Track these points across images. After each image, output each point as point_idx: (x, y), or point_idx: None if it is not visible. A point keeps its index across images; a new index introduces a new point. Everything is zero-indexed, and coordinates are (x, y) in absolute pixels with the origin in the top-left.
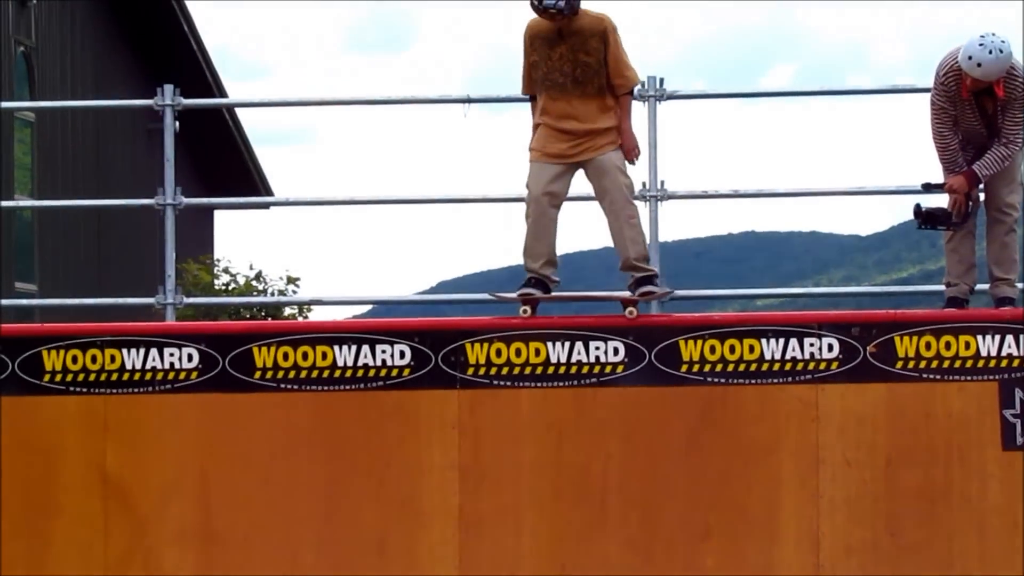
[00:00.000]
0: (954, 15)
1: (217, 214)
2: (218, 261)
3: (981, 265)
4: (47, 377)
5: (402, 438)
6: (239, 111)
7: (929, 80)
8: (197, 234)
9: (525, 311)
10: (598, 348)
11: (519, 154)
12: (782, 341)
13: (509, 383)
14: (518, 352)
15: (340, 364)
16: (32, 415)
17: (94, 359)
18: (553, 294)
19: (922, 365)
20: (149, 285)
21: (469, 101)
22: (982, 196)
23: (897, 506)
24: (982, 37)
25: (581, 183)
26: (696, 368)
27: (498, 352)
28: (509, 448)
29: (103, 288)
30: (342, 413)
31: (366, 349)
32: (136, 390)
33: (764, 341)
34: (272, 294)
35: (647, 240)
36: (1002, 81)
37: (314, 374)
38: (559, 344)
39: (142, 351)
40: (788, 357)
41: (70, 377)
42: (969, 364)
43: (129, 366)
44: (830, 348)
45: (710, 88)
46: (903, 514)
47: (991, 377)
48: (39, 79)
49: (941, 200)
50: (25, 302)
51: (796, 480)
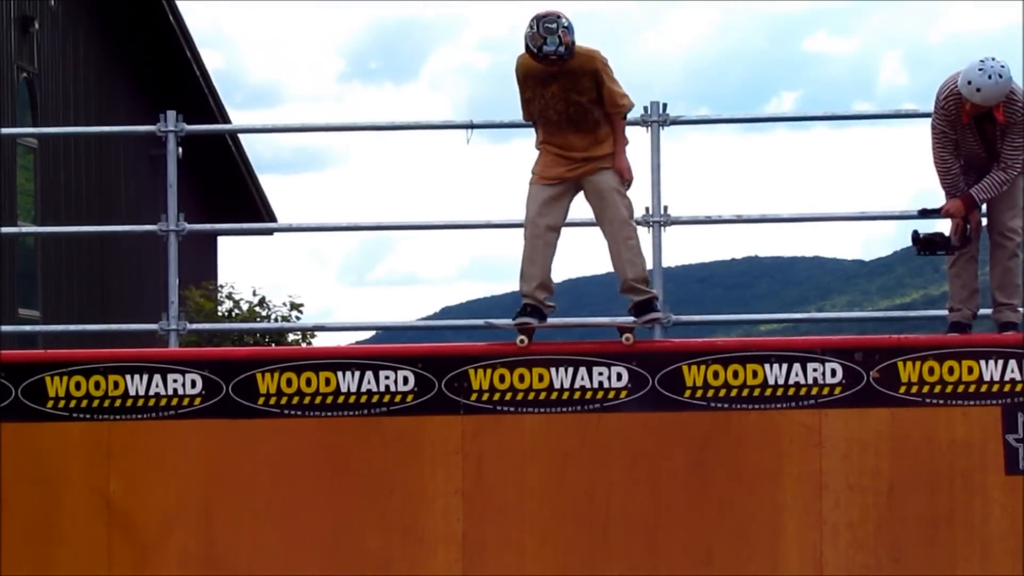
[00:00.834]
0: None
1: (220, 240)
2: (221, 287)
3: (984, 290)
4: (50, 404)
5: (405, 464)
6: (242, 138)
7: (931, 105)
8: (200, 260)
9: (522, 341)
10: (601, 374)
11: (522, 179)
12: (785, 366)
13: (512, 409)
14: (521, 378)
15: (343, 390)
16: (35, 442)
17: (97, 385)
18: (549, 321)
19: (925, 390)
20: (152, 311)
21: (472, 127)
22: (984, 221)
23: (900, 532)
24: (982, 62)
25: (583, 210)
26: (699, 393)
27: (501, 378)
28: (513, 474)
29: (106, 315)
30: (345, 439)
31: (369, 375)
32: (139, 417)
33: (767, 366)
34: (275, 320)
35: (648, 264)
36: (1002, 106)
37: (317, 400)
38: (562, 370)
39: (145, 377)
40: (791, 382)
41: (73, 404)
42: (972, 389)
43: (132, 392)
44: (833, 373)
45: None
46: (906, 540)
47: (994, 402)
48: (41, 105)
49: (940, 225)
50: (28, 328)
51: (799, 506)
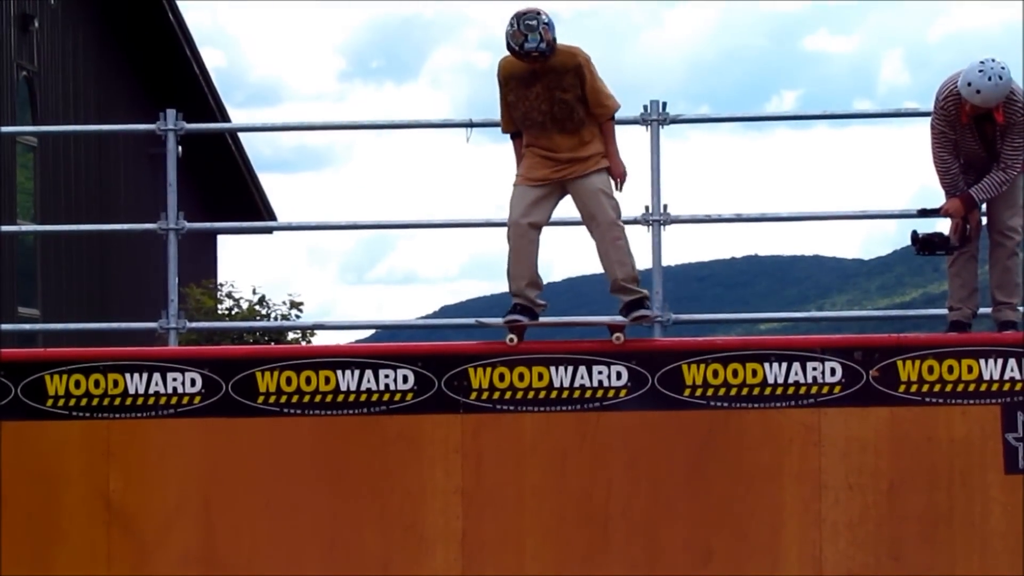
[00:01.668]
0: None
1: (220, 239)
2: (221, 286)
3: (984, 289)
4: (50, 402)
5: (405, 463)
6: (242, 136)
7: (931, 105)
8: (200, 259)
9: (512, 339)
10: (601, 373)
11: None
12: (785, 365)
13: (512, 408)
14: (521, 377)
15: (343, 389)
16: (35, 440)
17: (97, 384)
18: (540, 320)
19: (924, 389)
20: (152, 310)
21: (472, 125)
22: (984, 220)
23: (900, 530)
24: (982, 63)
25: (572, 210)
26: (699, 392)
27: (501, 377)
28: (512, 472)
29: (106, 313)
30: (345, 438)
31: (369, 374)
32: (139, 415)
33: (767, 365)
34: (275, 319)
35: (647, 262)
36: (1001, 107)
37: (317, 399)
38: (562, 369)
39: (145, 376)
40: (791, 381)
41: (73, 402)
42: (972, 388)
43: (132, 391)
44: (833, 372)
45: (713, 113)
46: (906, 538)
47: (993, 401)
48: (41, 104)
49: (940, 225)
50: (28, 327)
51: (799, 504)
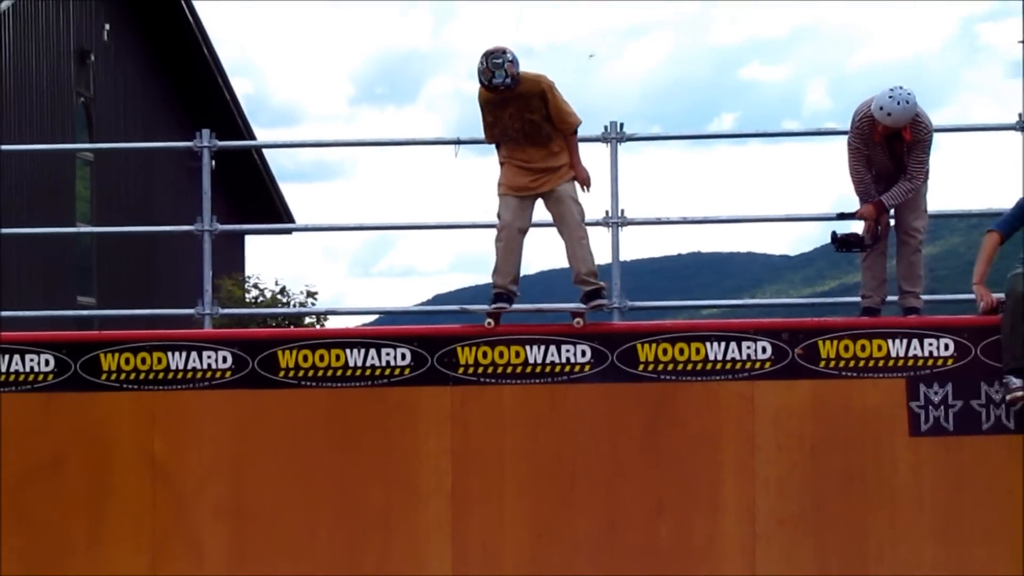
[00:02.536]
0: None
1: (247, 238)
2: (248, 278)
3: (892, 280)
4: (104, 376)
5: (403, 428)
6: (266, 152)
7: (848, 125)
8: (230, 255)
9: (490, 323)
10: (568, 351)
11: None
12: (723, 345)
13: (494, 381)
14: (501, 355)
15: (351, 365)
16: (91, 409)
17: (144, 361)
18: (516, 307)
19: (841, 365)
20: (190, 298)
21: (460, 143)
22: (892, 222)
23: (821, 485)
24: (892, 91)
25: (546, 214)
26: (651, 368)
27: (484, 354)
28: (494, 436)
29: (151, 301)
30: (352, 407)
31: (373, 352)
32: (179, 387)
33: (708, 345)
34: (294, 306)
35: (607, 258)
36: (909, 127)
37: (329, 373)
38: (536, 348)
39: (184, 354)
40: (728, 358)
41: (123, 376)
42: (881, 364)
43: (173, 367)
44: (764, 351)
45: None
46: (826, 492)
47: (899, 375)
48: (96, 125)
49: (856, 227)
50: (86, 313)
51: (735, 463)
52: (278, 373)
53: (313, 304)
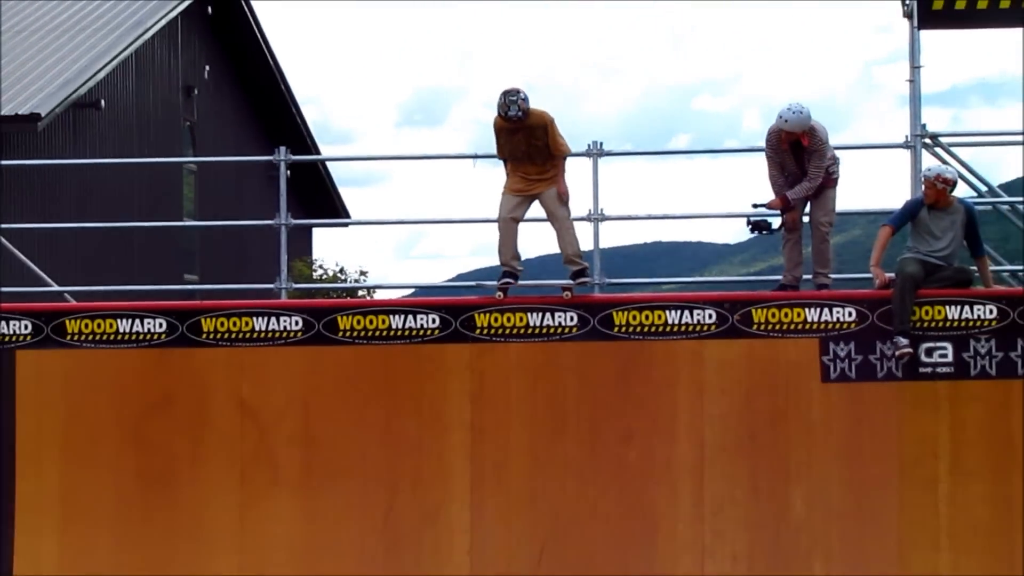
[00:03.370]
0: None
1: (314, 230)
2: (315, 260)
3: (807, 263)
4: (204, 336)
5: (434, 376)
6: (329, 164)
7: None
8: (301, 243)
9: (500, 294)
10: (560, 316)
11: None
12: (679, 312)
13: (502, 340)
14: (508, 319)
15: (394, 327)
16: (194, 361)
17: (234, 324)
18: (519, 283)
19: (769, 328)
20: (270, 276)
21: (477, 157)
22: (807, 219)
23: (755, 420)
24: (789, 105)
25: (541, 212)
26: (624, 329)
27: (495, 319)
28: (502, 383)
29: (240, 277)
30: (396, 359)
31: (411, 317)
32: (261, 344)
33: (668, 312)
34: (350, 282)
35: (589, 245)
36: (807, 136)
37: (377, 333)
38: (535, 314)
39: (266, 319)
40: (683, 322)
41: (218, 336)
42: (799, 327)
43: (257, 328)
44: (710, 317)
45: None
46: (758, 425)
47: (814, 335)
48: (199, 143)
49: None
50: (190, 288)
51: (688, 402)
52: (337, 333)
53: (364, 280)
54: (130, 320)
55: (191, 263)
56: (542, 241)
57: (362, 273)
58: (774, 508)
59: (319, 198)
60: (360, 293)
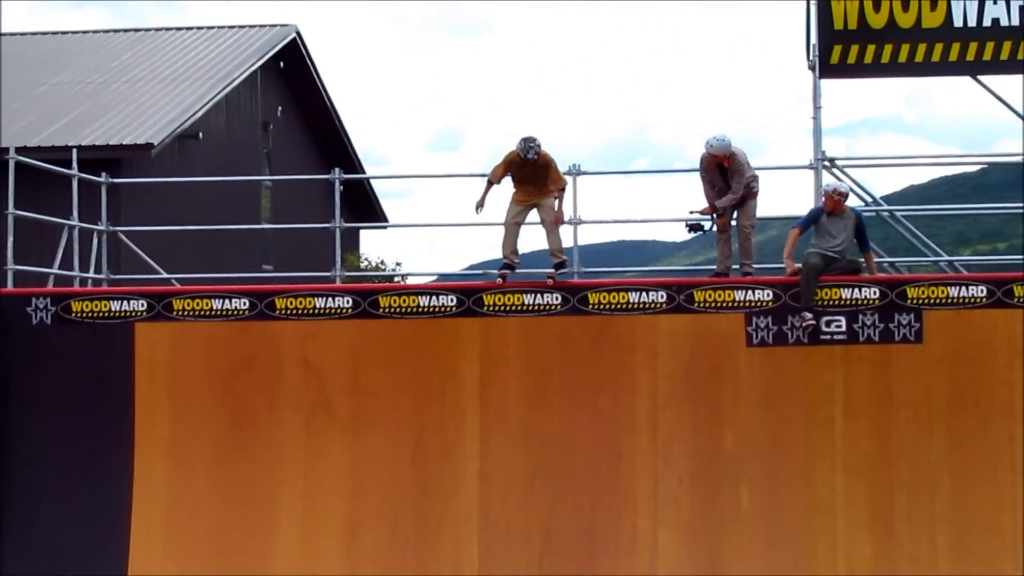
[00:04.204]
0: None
1: (361, 232)
2: (362, 254)
3: (736, 256)
4: (277, 311)
5: (452, 343)
6: (373, 180)
7: None
8: (351, 241)
9: (499, 280)
10: (548, 297)
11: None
12: (638, 294)
13: (504, 314)
14: (508, 299)
15: (422, 305)
16: (270, 330)
17: (300, 302)
18: (516, 271)
19: (708, 305)
20: (327, 266)
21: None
22: (734, 223)
23: (697, 375)
24: (715, 135)
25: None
26: (597, 307)
27: (498, 299)
28: (504, 348)
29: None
30: (423, 330)
31: (434, 297)
32: (321, 318)
33: (629, 293)
34: (389, 270)
35: (569, 244)
36: (728, 159)
37: (408, 310)
38: (528, 295)
39: (324, 298)
40: (641, 301)
41: (288, 311)
42: (730, 305)
43: (318, 306)
44: (662, 297)
45: (606, 170)
46: (699, 378)
47: (740, 311)
48: (273, 165)
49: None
50: (266, 275)
51: (646, 363)
52: (379, 310)
53: (398, 269)
54: (221, 300)
55: (267, 256)
56: (534, 240)
57: (397, 264)
58: (710, 443)
59: (365, 207)
60: (395, 279)
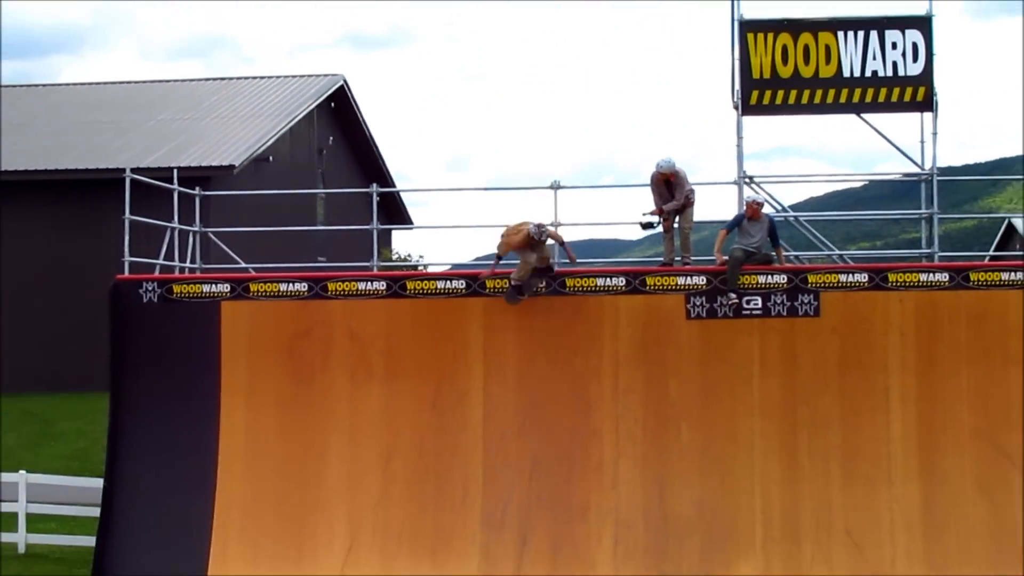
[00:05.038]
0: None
1: (393, 232)
2: (393, 250)
3: (678, 251)
4: (330, 293)
5: (463, 318)
6: (402, 193)
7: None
8: (385, 239)
9: (492, 268)
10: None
11: (516, 216)
12: (604, 279)
13: (501, 295)
14: (505, 283)
15: (440, 287)
16: (323, 307)
17: (347, 286)
18: (504, 264)
19: (658, 288)
20: (367, 258)
21: (495, 188)
22: (676, 224)
23: (650, 340)
24: (662, 158)
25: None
26: (573, 289)
27: (497, 283)
28: (504, 322)
29: (351, 259)
30: (440, 309)
31: (448, 282)
32: (363, 297)
33: (597, 279)
34: (414, 261)
35: (551, 242)
36: (672, 176)
37: (429, 292)
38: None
39: (364, 283)
40: (606, 285)
41: (338, 292)
42: (673, 287)
43: (360, 288)
44: (622, 282)
45: (582, 184)
46: (653, 344)
47: (681, 292)
48: (326, 183)
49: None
50: (320, 264)
51: (609, 332)
52: (406, 292)
53: (421, 260)
54: (286, 284)
55: (321, 250)
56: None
57: (420, 256)
58: (658, 393)
59: (395, 213)
60: (419, 268)
